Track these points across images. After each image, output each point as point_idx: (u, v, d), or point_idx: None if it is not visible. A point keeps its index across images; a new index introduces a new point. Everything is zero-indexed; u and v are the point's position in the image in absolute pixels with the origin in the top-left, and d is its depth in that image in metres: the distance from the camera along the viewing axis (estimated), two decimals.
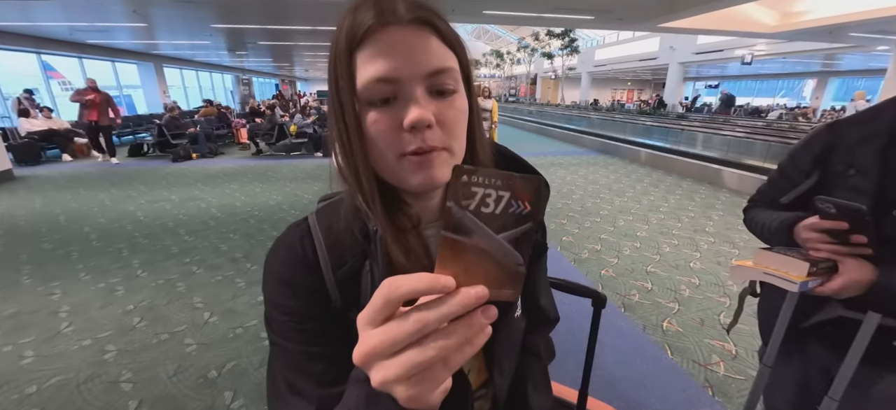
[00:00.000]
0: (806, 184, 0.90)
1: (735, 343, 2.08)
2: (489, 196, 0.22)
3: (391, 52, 0.36)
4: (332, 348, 0.43)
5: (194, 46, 12.28)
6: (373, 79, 0.36)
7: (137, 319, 2.29)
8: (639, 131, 9.48)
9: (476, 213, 0.22)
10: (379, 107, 0.37)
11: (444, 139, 0.39)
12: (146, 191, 5.26)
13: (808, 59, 16.21)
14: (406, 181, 0.40)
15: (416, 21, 0.37)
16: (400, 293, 0.23)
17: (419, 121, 0.36)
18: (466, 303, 0.23)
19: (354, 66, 0.37)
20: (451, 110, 0.39)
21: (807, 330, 0.90)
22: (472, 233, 0.22)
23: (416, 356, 0.23)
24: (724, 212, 4.42)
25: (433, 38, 0.37)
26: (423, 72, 0.36)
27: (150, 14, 7.73)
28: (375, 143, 0.39)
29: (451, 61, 0.39)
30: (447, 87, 0.38)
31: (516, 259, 0.23)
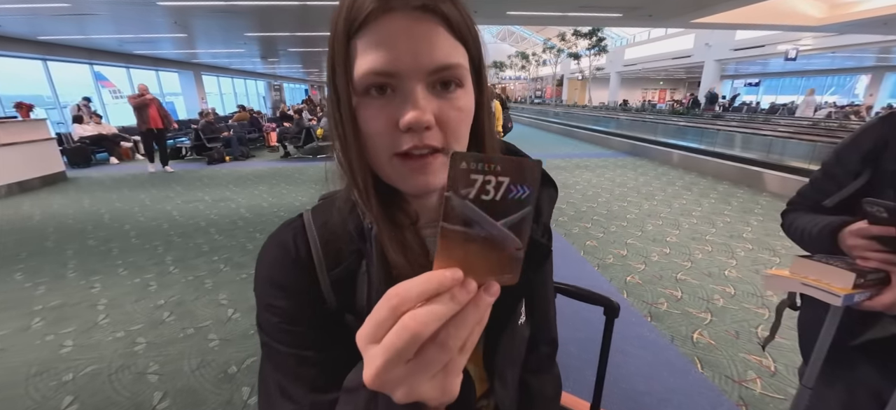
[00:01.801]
0: (854, 184, 0.81)
1: (774, 358, 1.92)
2: (489, 182, 0.22)
3: (392, 43, 0.33)
4: (326, 352, 0.41)
5: (230, 54, 12.89)
6: (370, 71, 0.33)
7: (167, 314, 2.39)
8: (671, 132, 9.08)
9: (476, 201, 0.22)
10: (375, 101, 0.34)
11: (443, 140, 0.36)
12: (183, 191, 5.53)
13: (860, 54, 15.01)
14: (399, 183, 0.38)
15: (423, 8, 0.33)
16: (411, 302, 0.22)
17: (416, 123, 0.33)
18: (472, 291, 0.22)
19: (352, 53, 0.34)
20: (454, 110, 0.36)
21: (854, 349, 0.80)
22: (472, 223, 0.22)
23: (437, 354, 0.22)
24: (763, 217, 4.14)
25: (440, 29, 0.34)
26: (426, 69, 0.33)
27: (189, 24, 8.18)
28: (369, 139, 0.36)
29: (458, 56, 0.35)
30: (451, 83, 0.35)
31: (516, 243, 0.23)
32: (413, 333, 0.21)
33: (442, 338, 0.22)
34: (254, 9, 6.86)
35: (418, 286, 0.22)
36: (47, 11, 6.44)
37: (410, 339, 0.21)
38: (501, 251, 0.23)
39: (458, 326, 0.22)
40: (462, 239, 0.22)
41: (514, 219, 0.23)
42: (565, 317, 2.22)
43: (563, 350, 1.98)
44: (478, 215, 0.22)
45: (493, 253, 0.23)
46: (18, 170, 5.74)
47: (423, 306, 0.22)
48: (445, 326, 0.22)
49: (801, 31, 10.56)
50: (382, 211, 0.39)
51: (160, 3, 6.24)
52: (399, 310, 0.22)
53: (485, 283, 0.23)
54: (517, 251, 0.23)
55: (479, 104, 0.39)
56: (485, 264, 0.23)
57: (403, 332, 0.21)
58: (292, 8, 6.67)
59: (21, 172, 5.77)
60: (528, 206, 0.23)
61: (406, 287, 0.22)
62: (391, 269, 0.39)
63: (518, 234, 0.23)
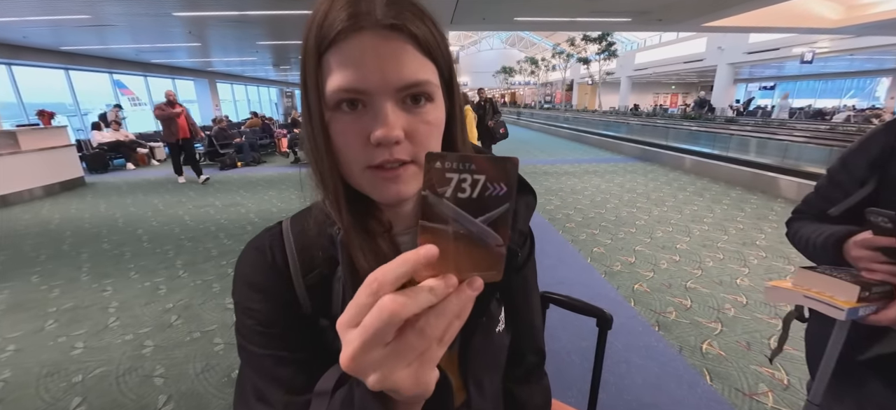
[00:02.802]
0: (860, 193, 0.78)
1: (787, 371, 1.86)
2: (465, 180, 0.22)
3: (361, 61, 0.33)
4: (301, 354, 0.42)
5: (243, 62, 13.18)
6: (340, 88, 0.34)
7: (175, 317, 2.43)
8: (682, 136, 8.94)
9: (453, 199, 0.22)
10: (346, 116, 0.35)
11: (413, 152, 0.36)
12: (195, 197, 5.64)
13: (880, 56, 14.60)
14: (371, 193, 0.38)
15: (391, 27, 0.34)
16: (389, 284, 0.22)
17: (386, 139, 0.34)
18: (453, 284, 0.22)
19: (324, 68, 0.35)
20: (423, 124, 0.36)
21: (862, 364, 0.77)
22: (450, 220, 0.22)
23: (415, 340, 0.22)
24: (778, 224, 4.03)
25: (409, 46, 0.34)
26: (395, 86, 0.34)
27: (204, 34, 8.38)
28: (341, 153, 0.37)
29: (426, 73, 0.36)
30: (421, 98, 0.36)
31: (496, 239, 0.23)
32: (391, 312, 0.21)
33: (421, 325, 0.22)
34: (266, 18, 7.01)
35: (394, 268, 0.22)
36: (70, 23, 6.68)
37: (388, 319, 0.21)
38: (483, 247, 0.23)
39: (438, 314, 0.22)
40: (440, 236, 0.22)
41: (493, 216, 0.23)
42: (567, 327, 2.19)
43: (565, 360, 1.95)
44: (455, 212, 0.22)
45: (474, 250, 0.23)
46: (40, 175, 5.93)
47: (402, 291, 0.22)
48: (425, 313, 0.22)
49: (817, 33, 10.33)
50: (353, 220, 0.39)
51: (176, 14, 6.42)
52: (379, 295, 0.22)
53: (468, 279, 0.23)
54: (498, 247, 0.24)
55: (451, 116, 0.40)
56: (467, 261, 0.23)
57: (381, 313, 0.21)
58: (303, 17, 6.78)
59: (42, 177, 5.96)
60: (506, 203, 0.23)
61: (383, 270, 0.22)
62: (360, 276, 0.40)
63: (498, 231, 0.23)
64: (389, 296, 0.21)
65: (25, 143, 5.83)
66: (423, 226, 0.22)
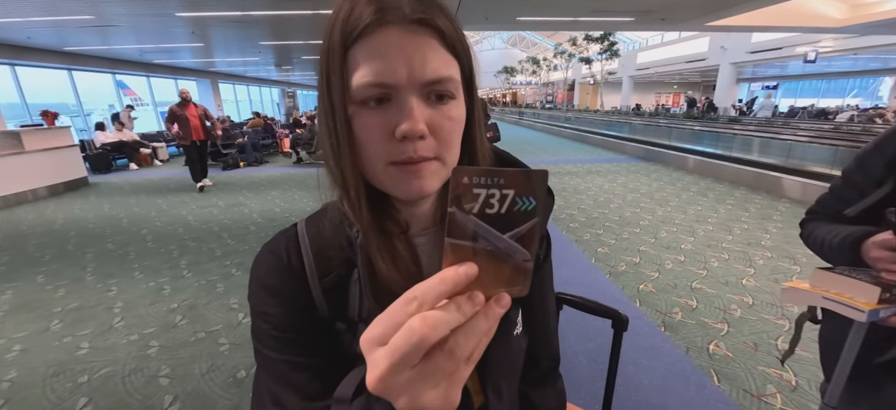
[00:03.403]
0: (877, 193, 0.77)
1: (795, 372, 1.85)
2: (493, 196, 0.21)
3: (387, 56, 0.33)
4: (318, 359, 0.42)
5: (245, 63, 13.20)
6: (367, 83, 0.34)
7: (180, 317, 2.43)
8: (685, 136, 8.91)
9: (480, 215, 0.22)
10: (370, 111, 0.35)
11: (436, 149, 0.36)
12: (198, 197, 5.65)
13: (885, 55, 14.53)
14: (393, 189, 0.38)
15: (419, 22, 0.34)
16: (428, 305, 0.21)
17: (411, 133, 0.34)
18: (480, 302, 0.22)
19: (349, 63, 0.35)
20: (446, 120, 0.36)
21: (879, 367, 0.76)
22: (477, 237, 0.22)
23: (444, 361, 0.22)
24: (783, 224, 4.01)
25: (434, 42, 0.35)
26: (420, 81, 0.34)
27: (206, 34, 8.39)
28: (364, 148, 0.36)
29: (451, 69, 0.36)
30: (444, 95, 0.36)
31: (524, 255, 0.23)
32: (421, 336, 0.20)
33: (450, 346, 0.21)
34: (268, 18, 7.02)
35: (434, 287, 0.21)
36: (73, 23, 6.70)
37: (418, 343, 0.20)
38: (509, 263, 0.23)
39: (467, 334, 0.22)
40: (468, 254, 0.22)
41: (521, 231, 0.23)
42: (575, 327, 2.18)
43: (573, 361, 1.94)
44: (483, 229, 0.22)
45: (501, 266, 0.23)
46: (44, 175, 5.95)
47: (431, 311, 0.21)
48: (454, 334, 0.21)
49: (820, 32, 10.28)
50: (372, 220, 0.39)
51: (179, 15, 6.43)
52: (415, 314, 0.21)
53: (495, 296, 0.23)
54: (526, 262, 0.23)
55: (470, 114, 0.40)
56: (493, 277, 0.23)
57: (411, 335, 0.20)
58: (305, 17, 6.80)
59: (46, 178, 5.98)
60: (535, 217, 0.23)
61: (421, 289, 0.22)
62: (379, 278, 0.40)
63: (526, 246, 0.23)
64: (419, 318, 0.21)
65: (29, 144, 5.85)
66: (448, 244, 0.22)
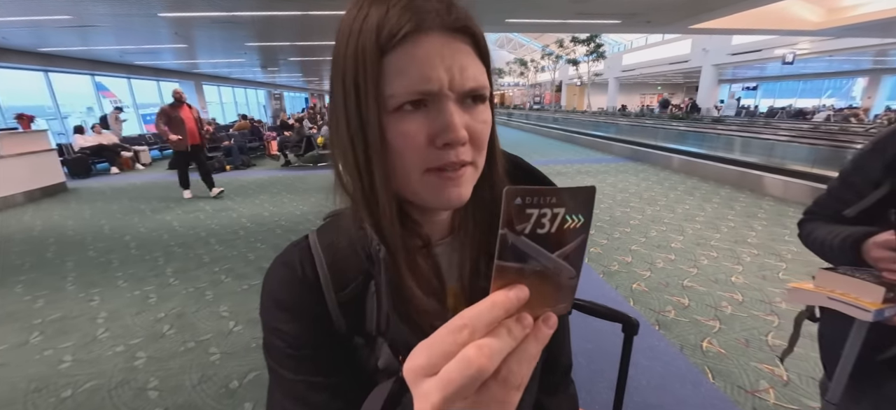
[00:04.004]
0: (875, 194, 0.78)
1: (786, 367, 1.89)
2: (544, 215, 0.21)
3: (430, 63, 0.33)
4: (335, 377, 0.40)
5: (230, 64, 12.97)
6: (408, 90, 0.33)
7: (167, 327, 2.36)
8: (671, 136, 9.08)
9: (532, 236, 0.21)
10: (407, 118, 0.34)
11: (472, 154, 0.36)
12: (183, 201, 5.51)
13: (857, 57, 15.09)
14: (429, 198, 0.37)
15: (461, 30, 0.34)
16: (480, 332, 0.20)
17: (455, 140, 0.33)
18: (529, 325, 0.22)
19: (384, 69, 0.33)
20: (480, 124, 0.36)
21: (881, 364, 0.77)
22: (527, 258, 0.22)
23: (498, 391, 0.21)
24: (767, 222, 4.11)
25: (470, 50, 0.35)
26: (461, 89, 0.34)
27: (190, 35, 8.22)
28: (400, 157, 0.35)
29: (483, 75, 0.36)
30: (477, 98, 0.36)
31: (570, 272, 0.23)
32: (478, 368, 0.19)
33: (504, 374, 0.21)
34: (255, 19, 6.91)
35: (486, 313, 0.20)
36: (50, 23, 6.48)
37: (476, 375, 0.19)
38: (556, 281, 0.23)
39: (520, 360, 0.21)
40: (517, 275, 0.22)
41: (569, 249, 0.22)
42: (575, 328, 2.19)
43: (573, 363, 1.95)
44: (533, 249, 0.21)
45: (547, 285, 0.22)
46: (20, 181, 5.73)
47: (485, 338, 0.20)
48: (507, 360, 0.21)
49: (798, 35, 10.62)
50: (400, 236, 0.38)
51: (162, 15, 6.28)
52: (467, 342, 0.20)
53: (542, 315, 0.22)
54: (571, 280, 0.23)
55: (492, 118, 0.40)
56: (540, 297, 0.22)
57: (467, 367, 0.19)
58: (293, 18, 6.71)
59: (23, 183, 5.76)
60: (582, 235, 0.23)
61: (473, 315, 0.20)
62: (404, 293, 0.38)
63: (573, 264, 0.23)
64: (474, 348, 0.20)
65: (4, 148, 5.62)
66: (498, 266, 0.21)
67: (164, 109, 5.05)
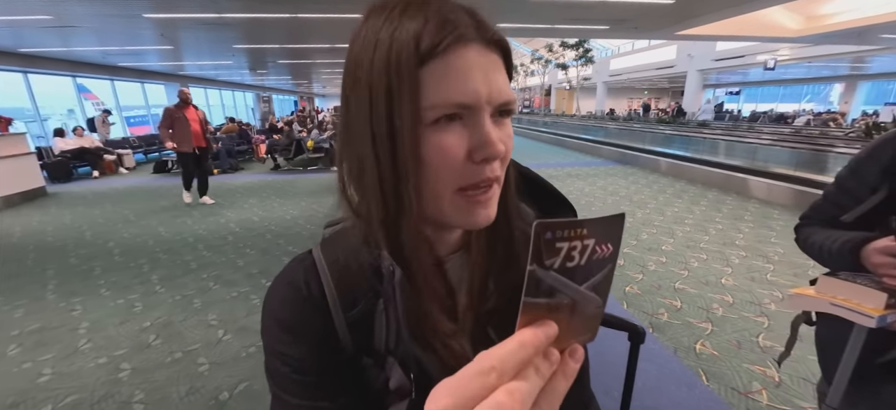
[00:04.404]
0: (872, 199, 0.79)
1: (777, 368, 1.92)
2: (574, 248, 0.21)
3: (469, 75, 0.32)
4: (343, 399, 0.38)
5: (217, 66, 12.76)
6: (446, 102, 0.32)
7: (153, 336, 2.29)
8: (659, 140, 9.24)
9: (561, 270, 0.21)
10: (443, 132, 0.32)
11: (500, 169, 0.36)
12: (169, 206, 5.38)
13: (835, 63, 15.60)
14: (457, 219, 0.35)
15: (495, 44, 0.34)
16: (509, 375, 0.19)
17: (494, 154, 0.33)
18: (556, 360, 0.21)
19: (421, 81, 0.31)
20: (508, 138, 0.36)
21: (879, 367, 0.78)
22: (555, 292, 0.21)
23: None
24: (754, 224, 4.20)
25: (501, 63, 0.35)
26: (497, 102, 0.33)
27: (176, 37, 8.07)
28: (435, 173, 0.33)
29: (510, 89, 0.36)
30: (505, 113, 0.35)
31: (597, 302, 0.22)
32: None
33: None
34: (243, 21, 6.81)
35: (515, 353, 0.20)
36: (30, 24, 6.28)
37: None
38: (582, 313, 0.22)
39: (551, 400, 0.21)
40: (544, 310, 0.21)
41: (597, 280, 0.22)
42: None
43: None
44: (562, 283, 0.21)
45: (574, 317, 0.22)
46: None
47: (514, 382, 0.19)
48: (537, 402, 0.20)
49: (778, 42, 10.92)
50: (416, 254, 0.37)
51: (147, 16, 6.14)
52: (495, 386, 0.19)
53: (568, 348, 0.22)
54: (597, 309, 0.23)
55: None
56: (566, 329, 0.22)
57: None
58: (282, 20, 6.64)
59: (0, 188, 5.56)
60: (610, 264, 0.22)
61: (501, 356, 0.19)
62: (417, 311, 0.37)
63: (600, 294, 0.22)
64: (505, 393, 0.19)
65: None
66: (526, 303, 0.20)
67: (169, 110, 4.85)
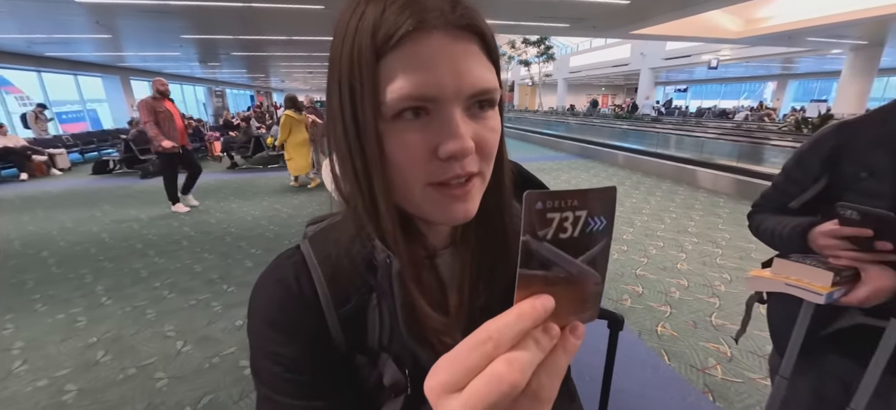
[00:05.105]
0: (815, 188, 0.87)
1: (729, 345, 2.08)
2: (566, 219, 0.20)
3: (432, 65, 0.29)
4: (337, 398, 0.37)
5: (163, 58, 11.85)
6: (408, 95, 0.29)
7: (101, 353, 2.10)
8: (617, 135, 9.70)
9: (554, 241, 0.20)
10: (407, 127, 0.31)
11: (480, 164, 0.33)
12: (112, 210, 4.95)
13: (768, 63, 17.08)
14: (433, 214, 0.34)
15: (466, 28, 0.31)
16: (506, 345, 0.19)
17: (461, 152, 0.30)
18: (556, 335, 0.21)
19: (382, 72, 0.30)
20: (490, 132, 0.33)
21: (822, 340, 0.87)
22: (551, 265, 0.21)
23: (530, 406, 0.20)
24: (703, 212, 4.52)
25: (477, 49, 0.31)
26: (468, 93, 0.30)
27: (114, 25, 7.39)
28: (400, 170, 0.32)
29: (492, 77, 0.32)
30: (486, 104, 0.33)
31: (595, 278, 0.22)
32: (511, 384, 0.18)
33: (534, 389, 0.20)
34: (190, 9, 6.34)
35: (512, 324, 0.19)
36: None
37: (508, 391, 0.18)
38: (581, 288, 0.22)
39: (550, 373, 0.20)
40: (541, 283, 0.21)
41: (593, 253, 0.22)
42: None
43: None
44: (556, 255, 0.21)
45: (573, 293, 0.22)
46: None
47: (512, 351, 0.19)
48: (536, 374, 0.20)
49: (721, 42, 11.79)
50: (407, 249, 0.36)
51: (78, 1, 5.57)
52: (493, 356, 0.19)
53: (569, 325, 0.22)
54: (596, 286, 0.22)
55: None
56: (566, 305, 0.21)
57: (499, 383, 0.18)
58: (235, 9, 6.26)
59: None
60: (605, 238, 0.22)
61: (498, 327, 0.19)
62: (410, 306, 0.36)
63: (598, 269, 0.22)
64: (504, 362, 0.18)
65: None
66: (521, 275, 0.20)
67: (149, 104, 4.14)
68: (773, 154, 5.92)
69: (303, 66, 15.83)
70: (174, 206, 4.78)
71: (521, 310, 0.20)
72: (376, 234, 0.35)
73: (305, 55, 12.50)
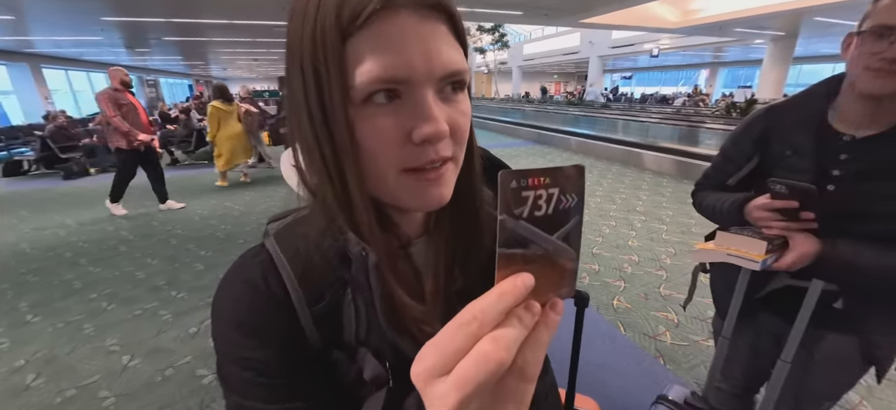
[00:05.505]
0: (748, 166, 0.97)
1: (676, 312, 2.28)
2: (540, 197, 0.21)
3: (401, 46, 0.28)
4: (315, 398, 0.36)
5: (81, 43, 10.60)
6: (376, 79, 0.28)
7: (32, 376, 1.88)
8: (569, 121, 10.10)
9: (530, 219, 0.21)
10: (378, 112, 0.29)
11: (452, 148, 0.32)
12: (30, 216, 4.40)
13: (701, 52, 18.53)
14: (408, 200, 0.33)
15: (435, 8, 0.30)
16: (490, 324, 0.19)
17: (435, 136, 0.29)
18: (538, 311, 0.21)
19: (349, 55, 0.28)
20: (461, 115, 0.32)
21: (757, 301, 0.97)
22: (528, 243, 0.21)
23: (516, 384, 0.20)
24: (650, 192, 4.86)
25: (446, 29, 0.31)
26: (439, 74, 0.30)
27: (17, 5, 6.47)
28: (373, 157, 0.31)
29: (462, 58, 0.32)
30: (457, 86, 0.32)
31: (570, 254, 0.23)
32: (497, 362, 0.18)
33: (520, 366, 0.20)
34: None
35: (495, 303, 0.19)
36: None
37: (495, 369, 0.18)
38: (556, 265, 0.23)
39: (534, 349, 0.20)
40: (520, 262, 0.21)
41: (567, 230, 0.22)
42: None
43: None
44: (533, 233, 0.21)
45: (550, 270, 0.22)
46: None
47: (497, 330, 0.19)
48: (521, 351, 0.20)
49: (661, 32, 12.59)
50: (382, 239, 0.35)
51: None
52: (478, 336, 0.19)
53: (549, 301, 0.22)
54: (572, 262, 0.23)
55: None
56: (545, 282, 0.22)
57: (486, 362, 0.18)
58: None
59: None
60: (577, 215, 0.23)
61: (481, 307, 0.19)
62: (391, 300, 0.35)
63: (572, 245, 0.23)
64: (489, 341, 0.19)
65: None
66: (501, 255, 0.21)
67: (111, 94, 3.72)
68: (708, 136, 6.47)
69: (246, 52, 14.81)
70: (112, 206, 4.36)
71: (503, 289, 0.20)
72: (349, 226, 0.34)
73: (249, 41, 11.71)
